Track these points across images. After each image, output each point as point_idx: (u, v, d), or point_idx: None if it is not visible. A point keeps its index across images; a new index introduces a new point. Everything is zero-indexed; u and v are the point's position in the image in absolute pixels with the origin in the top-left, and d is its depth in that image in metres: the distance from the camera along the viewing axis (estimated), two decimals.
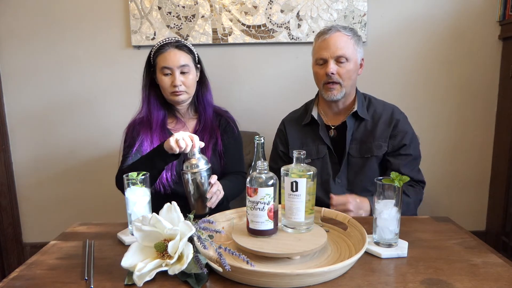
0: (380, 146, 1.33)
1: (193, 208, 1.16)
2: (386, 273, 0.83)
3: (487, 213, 2.14)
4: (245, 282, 0.79)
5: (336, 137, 1.38)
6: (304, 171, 0.94)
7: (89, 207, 2.11)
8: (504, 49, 1.96)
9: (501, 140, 2.01)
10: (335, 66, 1.29)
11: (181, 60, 1.34)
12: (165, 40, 1.37)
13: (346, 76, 1.30)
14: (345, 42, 1.29)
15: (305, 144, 1.41)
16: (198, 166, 1.12)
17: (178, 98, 1.36)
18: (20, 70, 1.99)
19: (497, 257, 0.89)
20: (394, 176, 0.91)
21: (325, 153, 1.37)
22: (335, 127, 1.39)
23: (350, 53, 1.29)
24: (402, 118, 1.36)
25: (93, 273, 0.85)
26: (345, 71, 1.30)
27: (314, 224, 0.99)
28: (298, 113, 1.49)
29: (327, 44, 1.29)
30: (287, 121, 1.50)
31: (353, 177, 1.35)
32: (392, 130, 1.33)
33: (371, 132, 1.34)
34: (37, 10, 1.93)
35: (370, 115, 1.37)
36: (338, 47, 1.28)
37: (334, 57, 1.29)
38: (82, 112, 2.03)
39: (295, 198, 0.94)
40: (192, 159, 1.13)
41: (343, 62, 1.29)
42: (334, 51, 1.28)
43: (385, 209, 0.93)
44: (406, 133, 1.34)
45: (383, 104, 1.40)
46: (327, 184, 1.36)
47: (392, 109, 1.38)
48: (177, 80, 1.33)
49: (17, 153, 2.07)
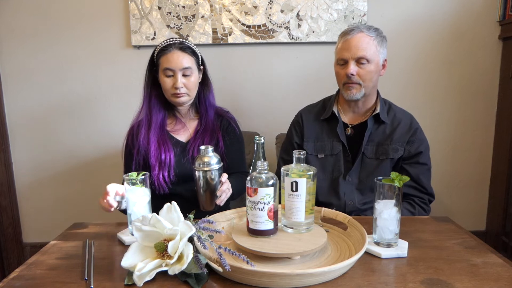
0: (397, 150, 1.33)
1: (202, 204, 1.17)
2: (386, 273, 0.83)
3: (487, 213, 2.14)
4: (245, 282, 0.79)
5: (352, 136, 1.38)
6: (304, 171, 0.94)
7: (89, 207, 2.10)
8: (504, 49, 1.96)
9: (501, 140, 2.01)
10: (355, 67, 1.28)
11: (184, 63, 1.33)
12: (169, 40, 1.36)
13: (367, 77, 1.30)
14: (367, 43, 1.28)
15: (320, 138, 1.40)
16: (210, 164, 1.12)
17: (179, 100, 1.35)
18: (20, 70, 1.99)
19: (497, 257, 0.89)
20: (394, 176, 0.91)
21: (339, 151, 1.37)
22: (353, 126, 1.39)
23: (371, 55, 1.28)
24: (420, 128, 1.38)
25: (93, 273, 0.85)
26: (365, 72, 1.29)
27: (314, 224, 0.99)
28: (316, 107, 1.48)
29: (349, 44, 1.29)
30: (304, 113, 1.48)
31: (365, 177, 1.35)
32: (411, 136, 1.34)
33: (389, 135, 1.35)
34: (37, 10, 1.93)
35: (390, 119, 1.37)
36: (359, 48, 1.27)
37: (355, 58, 1.28)
38: (82, 112, 2.03)
39: (295, 198, 0.94)
40: (204, 157, 1.13)
41: (364, 63, 1.28)
42: (355, 52, 1.27)
43: (385, 209, 0.93)
44: (423, 142, 1.36)
45: (402, 110, 1.41)
46: (337, 182, 1.36)
47: (412, 117, 1.39)
48: (178, 82, 1.32)
49: (17, 153, 2.07)
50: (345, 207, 1.34)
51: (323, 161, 1.38)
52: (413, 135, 1.34)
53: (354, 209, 1.34)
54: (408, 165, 1.34)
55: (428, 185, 1.35)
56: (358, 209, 1.34)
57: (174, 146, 1.38)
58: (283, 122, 1.65)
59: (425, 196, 1.35)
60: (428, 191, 1.35)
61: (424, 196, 1.35)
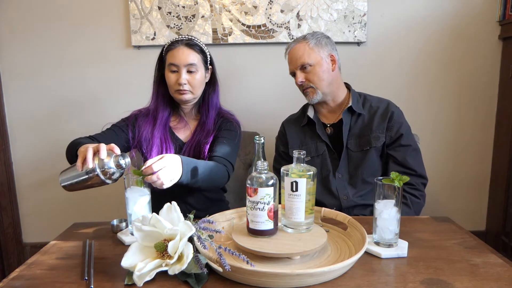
0: (378, 138, 1.36)
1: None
2: (386, 273, 0.83)
3: (487, 213, 2.14)
4: (245, 282, 0.79)
5: (333, 134, 1.42)
6: (304, 171, 0.94)
7: (89, 207, 2.11)
8: (504, 49, 1.96)
9: (501, 140, 2.01)
10: (301, 74, 1.38)
11: (189, 59, 1.32)
12: (179, 37, 1.36)
13: (315, 79, 1.36)
14: (303, 51, 1.36)
15: (304, 143, 1.45)
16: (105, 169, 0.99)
17: (182, 97, 1.34)
18: (20, 70, 1.99)
19: (497, 257, 0.89)
20: (394, 176, 0.91)
21: (323, 150, 1.41)
22: (332, 124, 1.44)
23: (310, 58, 1.36)
24: (397, 111, 1.40)
25: (93, 273, 0.85)
26: (311, 75, 1.37)
27: (314, 224, 0.99)
28: (296, 115, 1.56)
29: (290, 58, 1.41)
30: (286, 123, 1.56)
31: (353, 170, 1.38)
32: (388, 121, 1.37)
33: (367, 125, 1.38)
34: (37, 10, 1.93)
35: (366, 110, 1.41)
36: (297, 58, 1.37)
37: (298, 67, 1.38)
38: (82, 111, 2.03)
39: (295, 198, 0.94)
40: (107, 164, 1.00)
41: (307, 67, 1.36)
42: (296, 63, 1.38)
43: (385, 209, 0.93)
44: (402, 124, 1.38)
45: (378, 99, 1.45)
46: (327, 180, 1.39)
47: (388, 103, 1.42)
48: (182, 78, 1.31)
49: (17, 153, 2.07)
50: (340, 203, 1.35)
51: (311, 163, 1.40)
52: (390, 120, 1.37)
53: (351, 204, 1.35)
54: (393, 150, 1.36)
55: (416, 165, 1.34)
56: (355, 202, 1.35)
57: (173, 143, 1.38)
58: None
59: (416, 179, 1.34)
60: (417, 172, 1.34)
61: (415, 181, 1.34)
